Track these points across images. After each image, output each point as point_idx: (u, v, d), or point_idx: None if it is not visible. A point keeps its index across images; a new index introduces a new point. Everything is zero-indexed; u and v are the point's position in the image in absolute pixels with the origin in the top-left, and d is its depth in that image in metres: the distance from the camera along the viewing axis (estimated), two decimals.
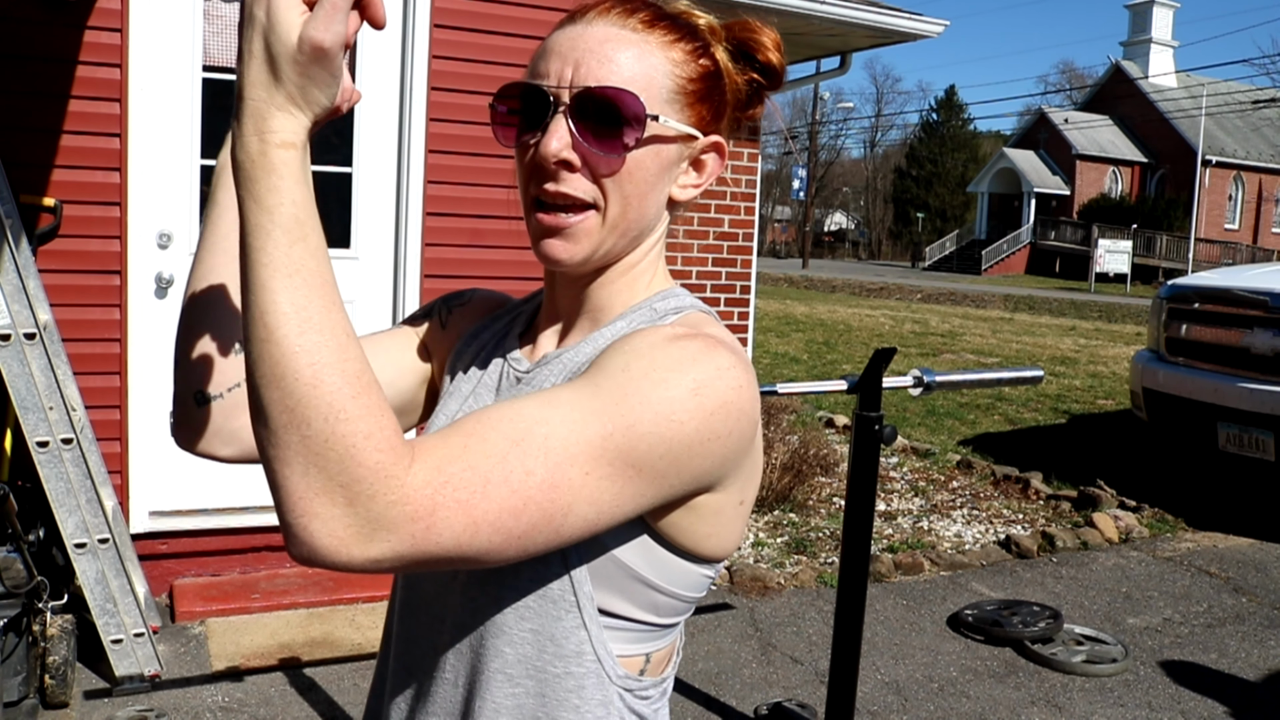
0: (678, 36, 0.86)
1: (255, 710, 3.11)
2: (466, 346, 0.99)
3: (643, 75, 0.83)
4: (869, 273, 40.87)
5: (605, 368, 0.76)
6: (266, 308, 0.64)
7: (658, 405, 0.73)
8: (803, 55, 7.43)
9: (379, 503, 0.63)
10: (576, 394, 0.73)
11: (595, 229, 0.84)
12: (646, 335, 0.79)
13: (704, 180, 0.90)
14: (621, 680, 0.85)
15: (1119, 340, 15.57)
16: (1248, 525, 5.46)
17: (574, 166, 0.82)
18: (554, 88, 0.82)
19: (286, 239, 0.64)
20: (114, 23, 3.62)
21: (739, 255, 6.75)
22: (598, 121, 0.81)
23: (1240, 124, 43.08)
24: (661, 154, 0.86)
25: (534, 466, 0.69)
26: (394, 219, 4.20)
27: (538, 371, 0.89)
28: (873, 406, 2.63)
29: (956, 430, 7.92)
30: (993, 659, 3.75)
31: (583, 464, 0.70)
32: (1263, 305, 5.29)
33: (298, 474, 0.63)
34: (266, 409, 0.63)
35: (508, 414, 0.71)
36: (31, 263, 3.21)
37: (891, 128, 74.63)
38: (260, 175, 0.65)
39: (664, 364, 0.75)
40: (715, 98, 0.88)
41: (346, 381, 0.64)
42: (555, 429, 0.70)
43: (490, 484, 0.67)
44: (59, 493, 3.10)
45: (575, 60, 0.82)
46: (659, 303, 0.89)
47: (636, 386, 0.73)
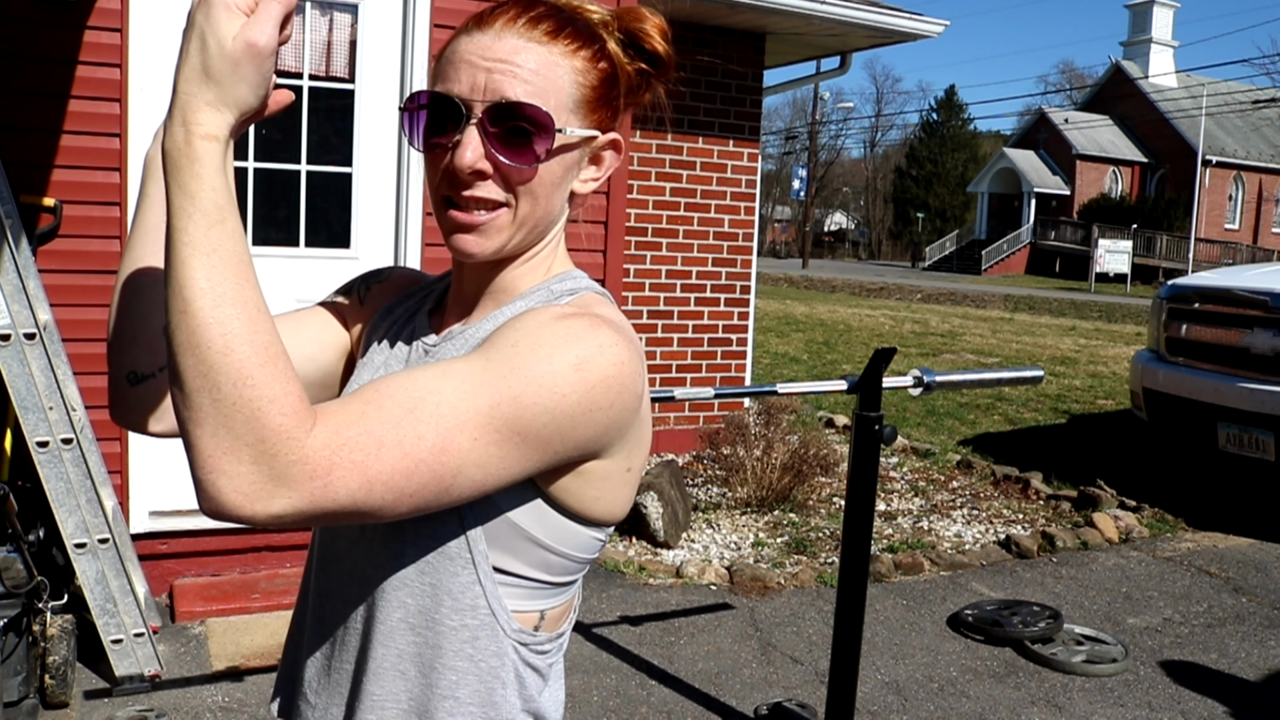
0: (580, 45, 0.91)
1: (255, 710, 3.11)
2: (381, 321, 1.05)
3: (551, 88, 0.88)
4: (869, 273, 40.87)
5: (496, 343, 0.82)
6: (185, 283, 0.70)
7: (542, 378, 0.79)
8: (803, 55, 7.43)
9: (281, 461, 0.69)
10: (468, 366, 0.79)
11: (506, 225, 0.90)
12: (537, 314, 0.85)
13: (603, 174, 0.97)
14: (516, 634, 0.91)
15: (1119, 340, 15.57)
16: (1248, 525, 5.46)
17: (486, 175, 0.88)
18: (466, 99, 0.87)
19: (206, 221, 0.71)
20: (114, 23, 3.62)
21: (739, 255, 6.75)
22: (509, 133, 0.87)
23: (1240, 124, 43.07)
24: (566, 159, 0.92)
25: (425, 431, 0.75)
26: (394, 219, 4.20)
27: (443, 346, 0.95)
28: (873, 406, 2.63)
29: (956, 430, 7.92)
30: (993, 659, 3.75)
31: (471, 430, 0.77)
32: (1263, 305, 5.29)
33: (208, 434, 0.69)
34: (182, 374, 0.69)
35: (404, 383, 0.76)
36: (31, 263, 3.21)
37: (891, 128, 74.71)
38: (185, 164, 0.71)
39: (549, 340, 0.81)
40: (613, 98, 0.95)
41: (255, 351, 0.70)
42: (446, 398, 0.76)
43: (384, 446, 0.73)
44: (59, 493, 3.10)
45: (486, 71, 0.87)
46: (556, 284, 0.95)
47: (523, 361, 0.79)
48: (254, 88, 0.74)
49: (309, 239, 4.13)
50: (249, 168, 4.01)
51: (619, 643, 3.73)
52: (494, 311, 0.95)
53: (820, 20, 6.18)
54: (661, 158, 6.39)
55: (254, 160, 4.02)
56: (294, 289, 4.09)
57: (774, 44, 6.77)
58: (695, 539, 4.96)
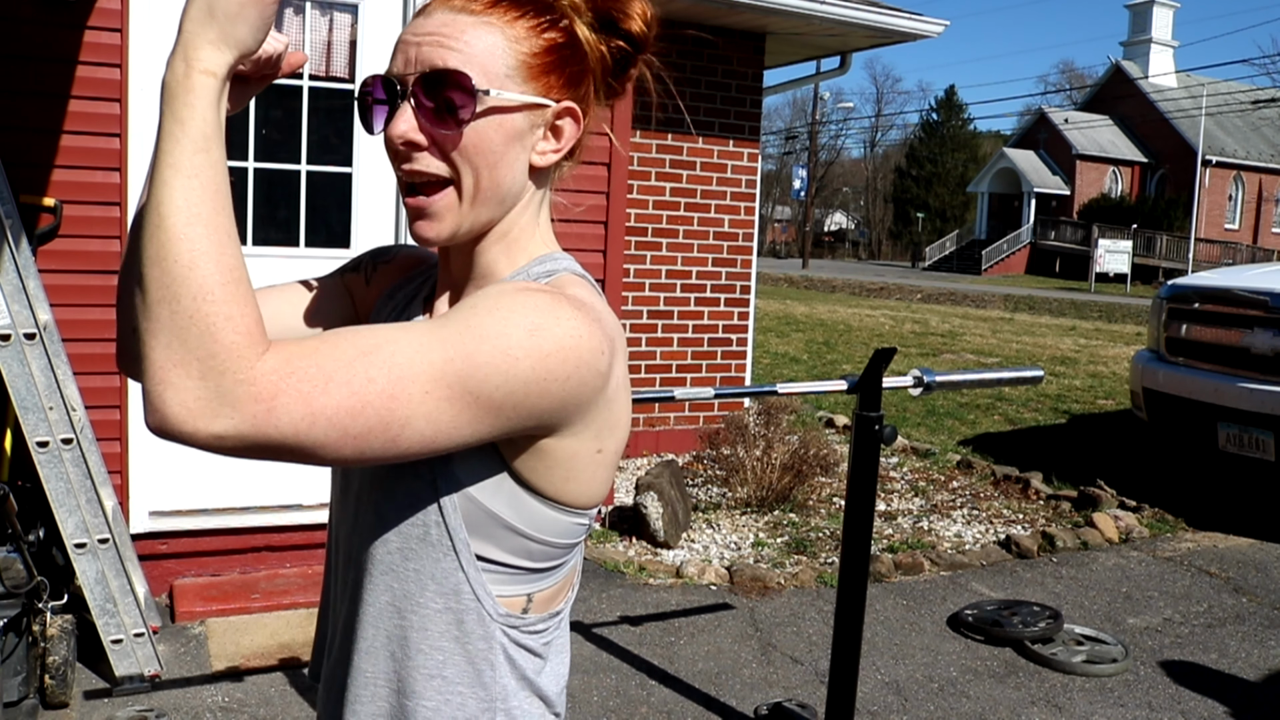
0: (520, 13, 0.91)
1: (255, 710, 3.11)
2: (384, 305, 1.08)
3: (481, 54, 0.89)
4: (869, 273, 40.87)
5: (458, 307, 0.83)
6: (163, 199, 0.72)
7: (496, 340, 0.80)
8: (803, 55, 7.43)
9: (228, 380, 0.70)
10: (428, 325, 0.81)
11: (454, 204, 0.91)
12: (502, 285, 0.86)
13: (563, 145, 0.95)
14: (503, 618, 0.93)
15: (1119, 340, 15.57)
16: (1248, 525, 5.46)
17: (420, 145, 0.89)
18: (400, 74, 0.90)
19: (192, 147, 0.73)
20: (114, 23, 3.62)
21: (739, 255, 6.75)
22: (434, 102, 0.88)
23: (1240, 124, 43.07)
24: (505, 125, 0.91)
25: (376, 375, 0.75)
26: (394, 219, 4.20)
27: None
28: (873, 406, 2.63)
29: (956, 430, 7.92)
30: (993, 659, 3.75)
31: (423, 383, 0.77)
32: (1263, 305, 5.29)
33: (162, 345, 0.70)
34: (146, 285, 0.71)
35: (364, 331, 0.78)
36: (31, 263, 3.21)
37: (891, 128, 74.70)
38: (181, 94, 0.74)
39: (507, 305, 0.82)
40: (568, 68, 0.93)
41: (219, 271, 0.72)
42: (401, 348, 0.77)
43: (332, 382, 0.74)
44: (59, 493, 3.10)
45: (416, 45, 0.90)
46: (535, 267, 0.96)
47: (479, 320, 0.81)
48: (254, 30, 0.77)
49: (309, 239, 4.13)
50: (249, 168, 4.01)
51: (619, 643, 3.73)
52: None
53: (820, 20, 6.18)
54: (661, 158, 6.39)
55: (254, 160, 4.02)
56: None
57: (774, 44, 6.77)
58: (695, 539, 4.96)
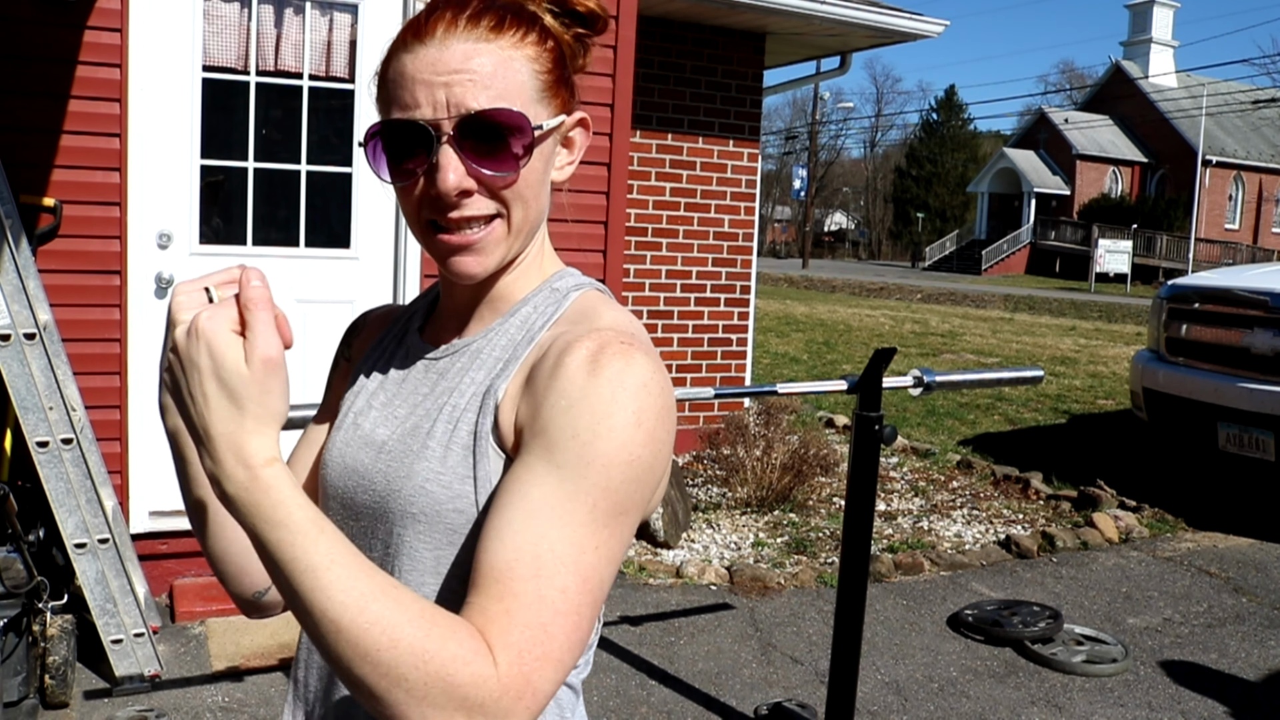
0: (524, 31, 0.87)
1: (255, 710, 3.11)
2: (370, 355, 1.03)
3: (512, 85, 0.85)
4: (869, 273, 40.86)
5: (554, 437, 0.78)
6: (325, 607, 0.69)
7: (616, 455, 0.78)
8: (803, 55, 7.42)
9: (491, 706, 0.70)
10: (548, 491, 0.77)
11: (503, 237, 0.88)
12: (570, 373, 0.80)
13: (576, 155, 0.94)
14: None
15: (1119, 340, 15.56)
16: (1248, 525, 5.46)
17: (471, 193, 0.85)
18: (432, 120, 0.83)
19: (311, 539, 0.70)
20: (114, 23, 3.62)
21: (739, 255, 6.75)
22: (484, 142, 0.83)
23: (1240, 124, 43.07)
24: (544, 151, 0.89)
25: (564, 583, 0.74)
26: (394, 219, 4.20)
27: (450, 359, 0.93)
28: (873, 406, 2.63)
29: (956, 430, 7.92)
30: (993, 659, 3.75)
31: (591, 545, 0.76)
32: (1263, 305, 5.29)
33: (420, 715, 0.69)
34: (364, 683, 0.69)
35: (511, 555, 0.75)
36: (31, 263, 3.21)
37: (891, 128, 74.72)
38: (261, 499, 0.70)
39: (602, 410, 0.78)
40: (566, 75, 0.91)
41: (415, 625, 0.69)
42: (555, 542, 0.75)
43: (547, 626, 0.73)
44: (59, 493, 3.10)
45: (444, 86, 0.83)
46: (558, 282, 0.94)
47: (593, 450, 0.77)
48: (283, 395, 0.73)
49: (309, 239, 4.13)
50: (249, 168, 4.01)
51: (619, 643, 3.73)
52: (496, 322, 0.93)
53: (820, 20, 6.18)
54: (661, 158, 6.39)
55: (254, 160, 4.02)
56: (294, 289, 4.09)
57: (774, 44, 6.77)
58: (695, 539, 4.96)
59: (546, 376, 0.82)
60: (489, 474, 0.84)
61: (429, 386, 0.92)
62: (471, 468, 0.84)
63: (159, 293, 3.86)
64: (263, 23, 3.98)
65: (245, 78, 3.96)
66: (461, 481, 0.84)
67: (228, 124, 3.97)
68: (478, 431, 0.85)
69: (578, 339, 0.83)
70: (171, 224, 3.86)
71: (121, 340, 3.73)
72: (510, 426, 0.84)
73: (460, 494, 0.84)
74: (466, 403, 0.87)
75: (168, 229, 3.85)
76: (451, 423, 0.87)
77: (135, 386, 3.78)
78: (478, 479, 0.84)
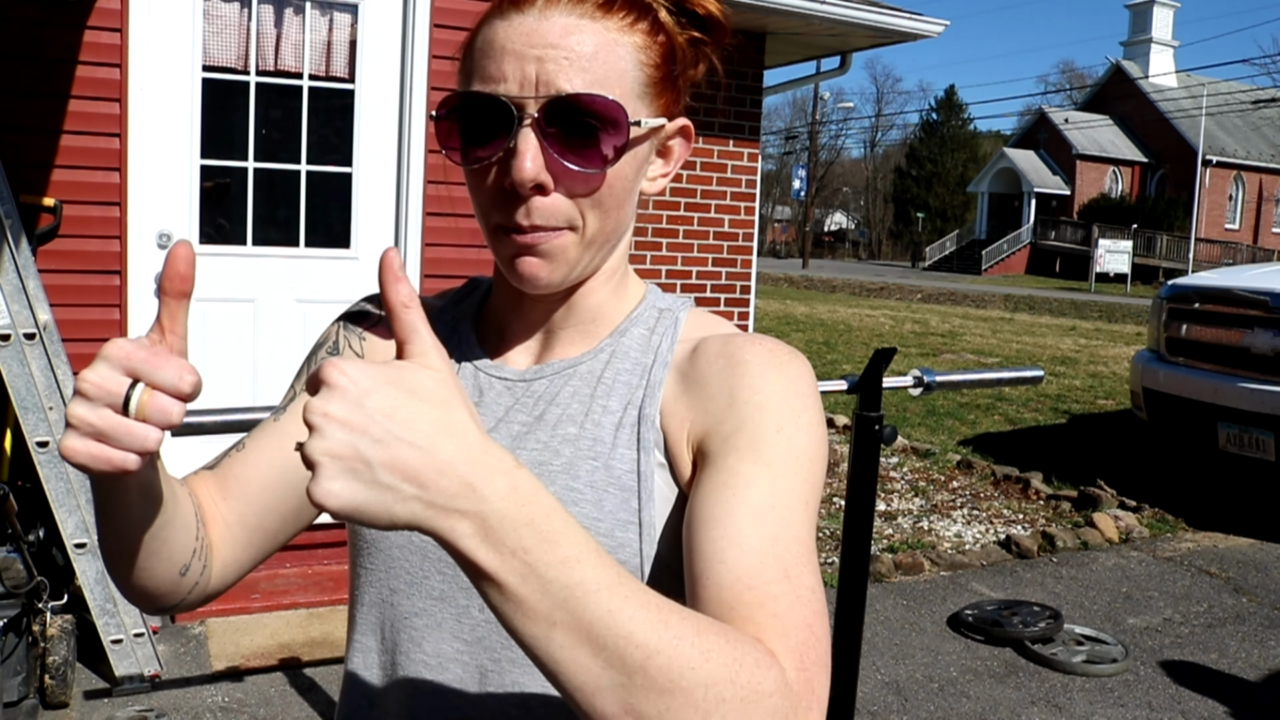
0: (635, 16, 0.77)
1: (255, 710, 3.11)
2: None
3: (613, 72, 0.74)
4: (869, 273, 40.86)
5: (757, 435, 0.73)
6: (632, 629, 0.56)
7: (812, 449, 0.74)
8: (803, 55, 7.42)
9: (792, 716, 0.61)
10: (764, 490, 0.71)
11: (573, 247, 0.76)
12: (754, 370, 0.75)
13: (672, 168, 0.84)
14: None
15: (1119, 340, 15.56)
16: (1248, 525, 5.46)
17: (547, 189, 0.74)
18: (517, 97, 0.72)
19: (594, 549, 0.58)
20: (114, 23, 3.62)
21: (739, 255, 6.75)
22: (571, 133, 0.72)
23: (1240, 124, 43.08)
24: (638, 155, 0.78)
25: (810, 582, 0.68)
26: (394, 219, 4.20)
27: (551, 381, 0.82)
28: (873, 406, 2.63)
29: (956, 430, 7.92)
30: (993, 659, 3.74)
31: (809, 537, 0.71)
32: (1263, 305, 5.29)
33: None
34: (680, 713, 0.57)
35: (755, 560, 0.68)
36: (31, 263, 3.21)
37: (891, 128, 74.71)
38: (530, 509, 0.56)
39: (797, 405, 0.74)
40: (674, 77, 0.81)
41: (715, 633, 0.59)
42: (789, 542, 0.69)
43: (813, 626, 0.66)
44: (59, 493, 3.10)
45: (536, 60, 0.72)
46: (659, 303, 0.86)
47: (796, 444, 0.73)
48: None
49: (309, 239, 4.13)
50: (249, 168, 4.01)
51: None
52: (604, 342, 0.83)
53: (820, 20, 6.18)
54: None
55: (254, 160, 4.02)
56: (294, 289, 4.09)
57: (774, 44, 6.77)
58: None
59: (721, 377, 0.76)
60: (653, 518, 0.74)
61: (529, 414, 0.80)
62: (635, 512, 0.74)
63: (159, 293, 3.86)
64: (263, 23, 3.98)
65: (245, 78, 3.96)
66: (624, 529, 0.74)
67: (228, 124, 3.97)
68: (640, 471, 0.75)
69: (741, 341, 0.78)
70: (171, 224, 3.86)
71: None
72: (685, 447, 0.76)
73: (623, 543, 0.74)
74: (613, 437, 0.77)
75: (168, 229, 3.85)
76: (599, 460, 0.76)
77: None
78: (642, 524, 0.74)
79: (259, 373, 4.07)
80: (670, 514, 0.76)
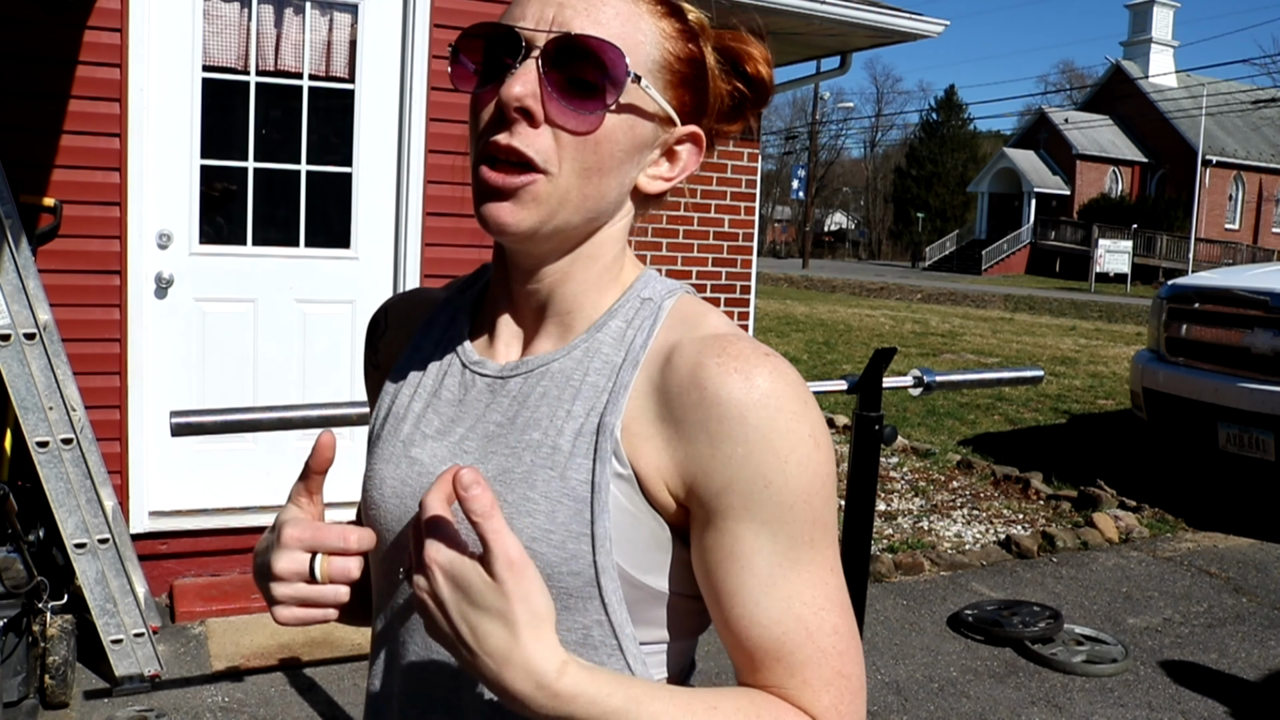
0: (669, 10, 0.79)
1: (255, 710, 3.11)
2: (404, 365, 0.91)
3: (630, 36, 0.76)
4: (869, 273, 40.87)
5: (744, 493, 0.73)
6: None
7: (810, 485, 0.75)
8: (803, 55, 7.43)
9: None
10: (767, 552, 0.74)
11: (545, 196, 0.75)
12: (726, 411, 0.73)
13: (676, 174, 0.82)
14: None
15: (1119, 340, 15.57)
16: (1248, 525, 5.46)
17: (535, 120, 0.74)
18: (528, 29, 0.74)
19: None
20: (114, 23, 3.62)
21: (739, 255, 6.75)
22: (573, 74, 0.74)
23: (1240, 124, 43.08)
24: (636, 128, 0.77)
25: (834, 623, 0.75)
26: (394, 219, 4.20)
27: (523, 380, 0.82)
28: (873, 406, 2.63)
29: (956, 430, 7.92)
30: (993, 659, 3.75)
31: (826, 573, 0.76)
32: (1263, 305, 5.29)
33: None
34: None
35: (777, 630, 0.74)
36: (31, 263, 3.21)
37: (891, 128, 74.73)
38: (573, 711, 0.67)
39: (782, 445, 0.73)
40: (700, 88, 0.82)
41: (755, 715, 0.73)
42: (804, 596, 0.75)
43: (842, 670, 0.75)
44: (59, 493, 3.10)
45: (557, 5, 0.75)
46: (645, 291, 0.82)
47: (789, 491, 0.74)
48: (543, 591, 0.67)
49: (309, 239, 4.13)
50: (249, 168, 4.01)
51: None
52: (577, 339, 0.81)
53: (820, 20, 6.18)
54: None
55: (254, 160, 4.02)
56: (294, 289, 4.09)
57: (774, 44, 6.67)
58: None
59: (697, 419, 0.73)
60: (607, 530, 0.74)
61: (502, 415, 0.81)
62: (589, 524, 0.74)
63: (159, 293, 3.86)
64: (263, 23, 3.98)
65: (245, 78, 3.96)
66: (576, 540, 0.74)
67: (228, 124, 3.97)
68: (595, 483, 0.75)
69: (713, 368, 0.73)
70: (171, 224, 3.86)
71: (121, 340, 3.73)
72: (658, 476, 0.75)
73: (575, 554, 0.74)
74: (571, 446, 0.76)
75: (168, 229, 3.85)
76: (556, 469, 0.76)
77: (135, 386, 3.78)
78: (595, 536, 0.74)
79: (259, 373, 4.07)
80: (632, 529, 0.76)
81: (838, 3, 6.16)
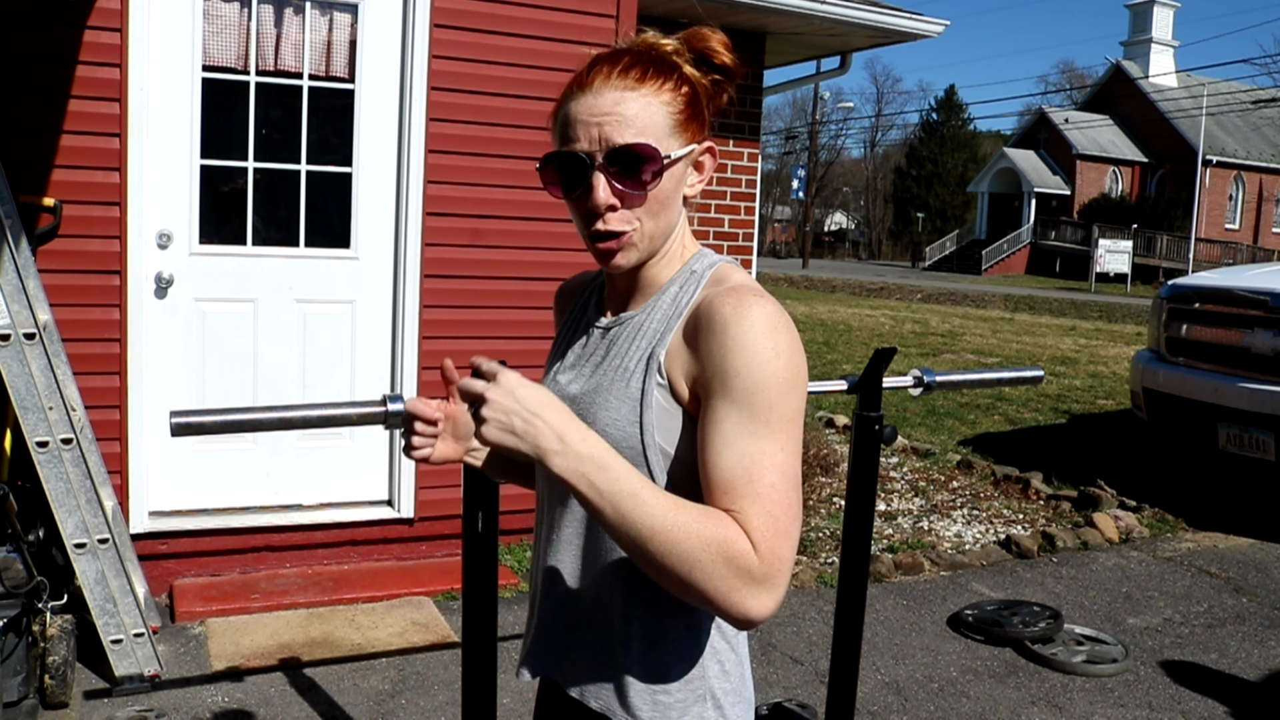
0: (663, 79, 1.13)
1: (255, 710, 3.11)
2: (567, 324, 1.33)
3: (650, 124, 1.11)
4: (869, 273, 40.86)
5: (723, 379, 1.06)
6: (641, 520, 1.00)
7: (769, 379, 1.05)
8: (803, 55, 7.42)
9: (758, 571, 1.00)
10: (733, 420, 1.05)
11: (640, 240, 1.15)
12: (720, 326, 1.07)
13: (705, 177, 1.21)
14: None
15: (1119, 340, 15.56)
16: (1248, 525, 5.46)
17: (616, 207, 1.13)
18: (588, 152, 1.11)
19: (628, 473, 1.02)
20: (114, 23, 3.62)
21: (739, 255, 6.75)
22: (625, 169, 1.11)
23: (1240, 124, 43.06)
24: (674, 175, 1.15)
25: (772, 479, 1.04)
26: (394, 219, 4.19)
27: (616, 330, 1.22)
28: (873, 406, 2.63)
29: (956, 430, 7.92)
30: (993, 659, 3.74)
31: (777, 447, 1.05)
32: (1263, 305, 5.29)
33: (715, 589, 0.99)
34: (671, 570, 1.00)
35: (727, 473, 1.04)
36: (31, 263, 3.21)
37: (891, 128, 74.65)
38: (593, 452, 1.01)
39: (750, 349, 1.05)
40: (699, 111, 1.17)
41: (700, 520, 1.00)
42: (753, 454, 1.04)
43: (772, 511, 1.03)
44: (59, 493, 3.10)
45: (597, 125, 1.11)
46: (695, 264, 1.20)
47: (752, 380, 1.05)
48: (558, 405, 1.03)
49: (309, 239, 4.13)
50: (249, 168, 4.01)
51: None
52: (649, 301, 1.20)
53: (820, 20, 6.18)
54: None
55: (254, 160, 4.02)
56: (294, 289, 4.09)
57: (774, 44, 6.77)
58: None
59: (704, 333, 1.09)
60: (652, 422, 1.12)
61: (604, 352, 1.21)
62: (639, 417, 1.12)
63: (159, 293, 3.86)
64: (263, 23, 3.98)
65: (245, 77, 3.96)
66: (630, 425, 1.13)
67: (227, 124, 3.97)
68: (644, 389, 1.13)
69: (718, 297, 1.10)
70: (171, 224, 3.86)
71: (121, 340, 3.73)
72: (682, 380, 1.11)
73: (630, 435, 1.13)
74: (634, 366, 1.15)
75: (168, 229, 3.85)
76: (624, 382, 1.15)
77: (135, 386, 3.78)
78: (644, 425, 1.12)
79: (259, 373, 4.07)
80: (665, 418, 1.12)
81: (838, 3, 6.16)
